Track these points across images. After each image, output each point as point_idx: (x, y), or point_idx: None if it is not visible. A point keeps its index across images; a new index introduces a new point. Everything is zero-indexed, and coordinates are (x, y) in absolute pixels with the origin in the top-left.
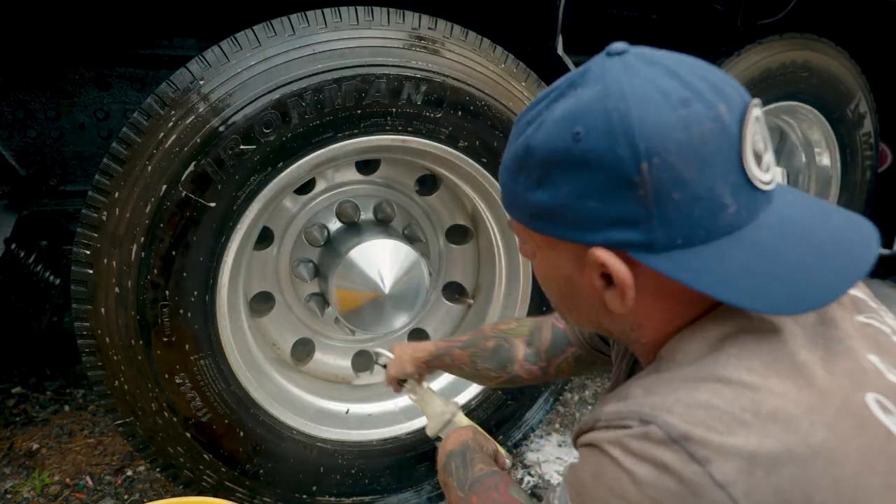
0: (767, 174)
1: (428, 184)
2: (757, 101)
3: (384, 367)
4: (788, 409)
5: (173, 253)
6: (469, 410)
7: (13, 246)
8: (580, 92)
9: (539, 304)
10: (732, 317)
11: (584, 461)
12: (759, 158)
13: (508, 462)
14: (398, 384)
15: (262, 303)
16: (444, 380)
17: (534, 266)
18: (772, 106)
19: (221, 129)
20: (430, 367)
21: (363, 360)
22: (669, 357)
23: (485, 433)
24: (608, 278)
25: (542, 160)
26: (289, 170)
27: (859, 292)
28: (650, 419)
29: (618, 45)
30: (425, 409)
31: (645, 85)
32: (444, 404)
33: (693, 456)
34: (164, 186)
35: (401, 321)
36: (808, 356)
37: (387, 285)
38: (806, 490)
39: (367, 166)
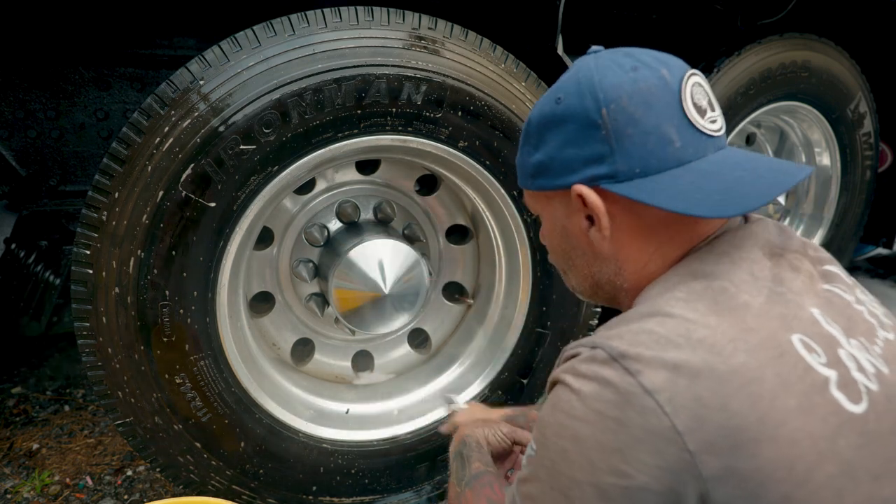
0: (714, 125)
1: (428, 184)
2: (696, 71)
3: (449, 413)
4: (716, 337)
5: (173, 253)
6: None
7: (13, 246)
8: (562, 77)
9: (539, 304)
10: (687, 267)
11: (546, 402)
12: (702, 112)
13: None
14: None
15: (262, 303)
16: (447, 377)
17: (542, 235)
18: (772, 106)
19: (221, 129)
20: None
21: (363, 360)
22: (637, 303)
23: (497, 416)
24: (590, 219)
25: (537, 126)
26: (289, 170)
27: (836, 269)
28: (598, 345)
29: (595, 48)
30: None
31: (606, 61)
32: None
33: (628, 370)
34: (165, 186)
35: (401, 321)
36: (749, 300)
37: (387, 285)
38: (722, 400)
39: (367, 166)
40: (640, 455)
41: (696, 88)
